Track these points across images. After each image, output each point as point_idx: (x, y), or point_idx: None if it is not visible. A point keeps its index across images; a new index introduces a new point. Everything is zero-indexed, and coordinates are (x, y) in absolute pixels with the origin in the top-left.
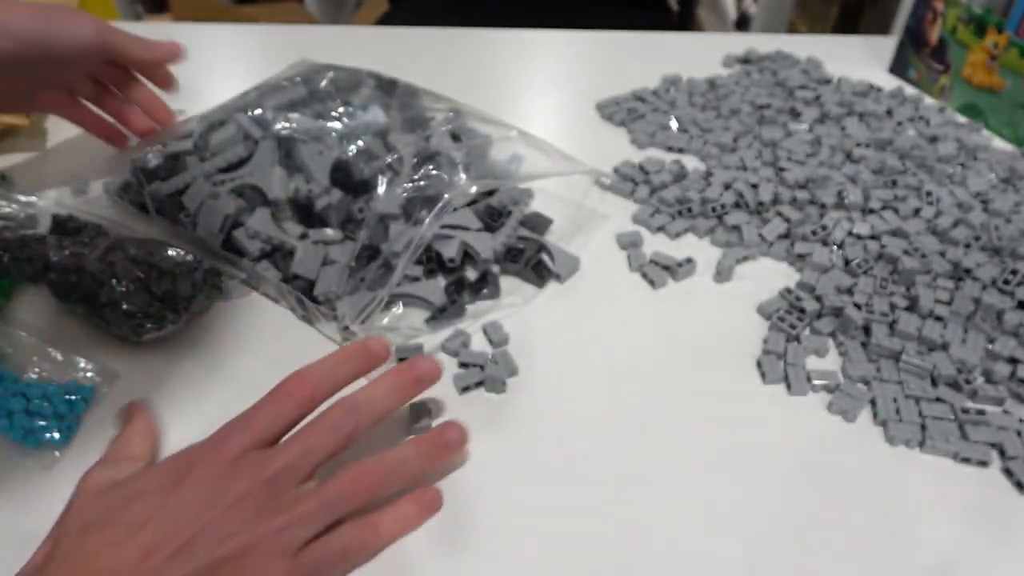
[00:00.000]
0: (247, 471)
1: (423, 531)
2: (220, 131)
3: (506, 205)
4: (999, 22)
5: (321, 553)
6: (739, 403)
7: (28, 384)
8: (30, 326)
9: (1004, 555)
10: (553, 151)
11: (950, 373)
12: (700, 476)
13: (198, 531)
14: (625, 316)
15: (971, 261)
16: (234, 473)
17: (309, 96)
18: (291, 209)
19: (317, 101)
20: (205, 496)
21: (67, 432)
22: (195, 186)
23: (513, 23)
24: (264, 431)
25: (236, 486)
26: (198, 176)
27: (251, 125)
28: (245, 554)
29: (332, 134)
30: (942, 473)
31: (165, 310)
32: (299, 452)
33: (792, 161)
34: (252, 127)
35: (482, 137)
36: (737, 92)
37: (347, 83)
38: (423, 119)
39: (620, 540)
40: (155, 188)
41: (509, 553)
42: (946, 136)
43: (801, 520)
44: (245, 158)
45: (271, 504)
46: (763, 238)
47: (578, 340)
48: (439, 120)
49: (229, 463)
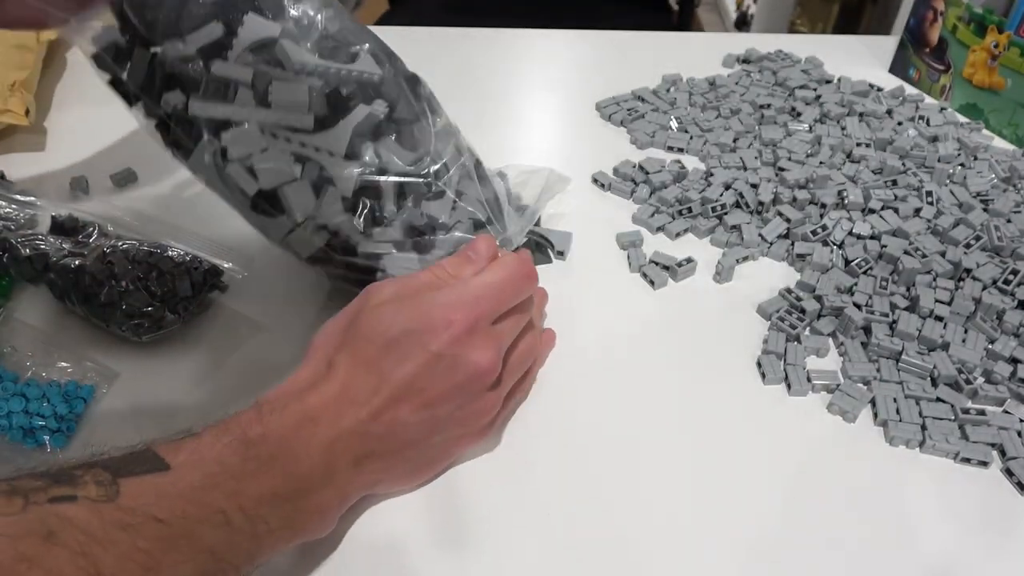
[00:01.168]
0: (487, 345)
1: (418, 527)
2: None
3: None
4: (1000, 22)
5: (509, 408)
6: (739, 403)
7: (28, 384)
8: (30, 326)
9: (1004, 555)
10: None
11: (950, 373)
12: (700, 476)
13: (442, 393)
14: (625, 316)
15: (971, 261)
16: (477, 344)
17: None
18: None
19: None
20: (454, 359)
21: (66, 432)
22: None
23: (513, 23)
24: (505, 309)
25: (480, 358)
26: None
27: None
28: (473, 418)
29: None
30: (942, 473)
31: (165, 310)
32: (516, 333)
33: (792, 161)
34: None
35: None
36: (737, 92)
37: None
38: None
39: (618, 539)
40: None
41: (507, 550)
42: (946, 136)
43: (801, 520)
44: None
45: (497, 371)
46: (763, 238)
47: (578, 340)
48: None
49: (474, 332)
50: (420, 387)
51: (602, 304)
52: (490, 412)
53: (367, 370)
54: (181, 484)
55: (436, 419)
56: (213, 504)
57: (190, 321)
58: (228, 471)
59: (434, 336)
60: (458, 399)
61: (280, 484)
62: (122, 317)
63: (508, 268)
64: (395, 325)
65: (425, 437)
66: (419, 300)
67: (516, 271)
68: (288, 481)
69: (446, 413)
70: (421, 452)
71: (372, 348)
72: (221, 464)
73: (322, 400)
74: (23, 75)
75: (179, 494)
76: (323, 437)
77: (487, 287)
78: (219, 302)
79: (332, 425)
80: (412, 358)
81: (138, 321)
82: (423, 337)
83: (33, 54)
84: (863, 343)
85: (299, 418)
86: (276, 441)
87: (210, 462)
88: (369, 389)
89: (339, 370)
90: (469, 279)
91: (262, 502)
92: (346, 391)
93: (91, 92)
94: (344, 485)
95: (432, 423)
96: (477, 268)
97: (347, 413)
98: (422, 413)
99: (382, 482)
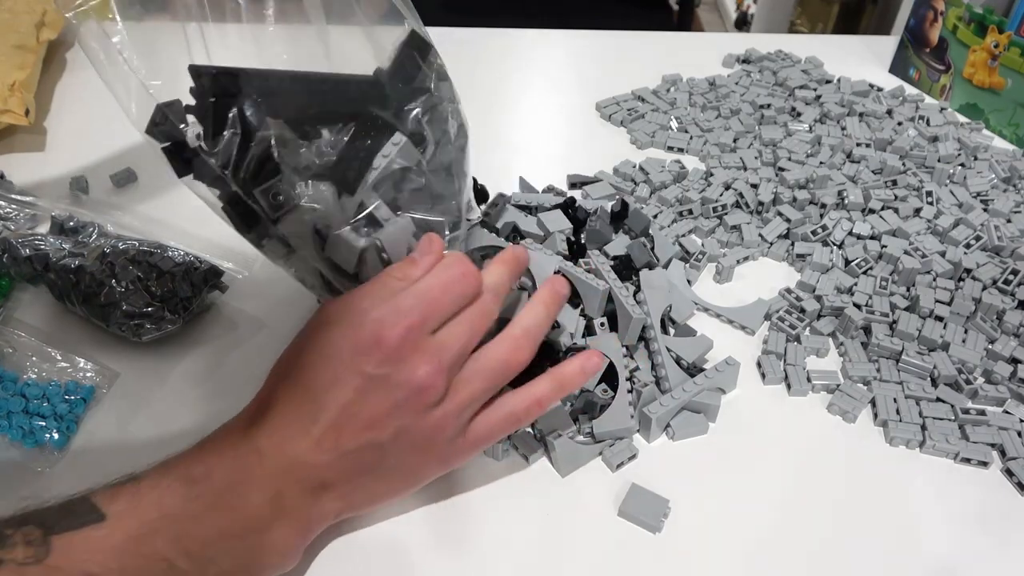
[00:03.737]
0: (424, 359)
1: (419, 528)
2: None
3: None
4: (1000, 21)
5: (488, 424)
6: (739, 403)
7: (27, 384)
8: (30, 326)
9: (1004, 555)
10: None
11: (950, 373)
12: (699, 476)
13: (381, 416)
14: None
15: (971, 261)
16: (413, 358)
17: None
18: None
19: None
20: (387, 379)
21: (66, 432)
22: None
23: (513, 23)
24: (441, 316)
25: (416, 373)
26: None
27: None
28: (424, 440)
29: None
30: (942, 473)
31: (164, 310)
32: (467, 338)
33: (792, 161)
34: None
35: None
36: (737, 92)
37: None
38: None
39: (615, 539)
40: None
41: (503, 546)
42: (947, 136)
43: (801, 520)
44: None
45: (446, 388)
46: (763, 238)
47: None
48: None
49: (408, 346)
50: (356, 412)
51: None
52: (445, 430)
53: (305, 398)
54: (117, 535)
55: (381, 444)
56: (154, 552)
57: (190, 321)
58: (169, 515)
59: (364, 356)
60: (399, 420)
61: (228, 523)
62: (122, 317)
63: (440, 273)
64: (328, 347)
65: (377, 463)
66: (352, 318)
67: (450, 274)
68: (237, 519)
69: (390, 436)
70: (379, 478)
71: (310, 374)
72: (161, 508)
73: (266, 432)
74: (23, 75)
75: (114, 546)
76: (269, 470)
77: (418, 295)
78: (219, 302)
79: (277, 458)
80: (345, 382)
81: (138, 321)
82: (354, 358)
83: (33, 54)
84: (863, 343)
85: (243, 453)
86: (221, 479)
87: (149, 507)
88: (309, 418)
89: (281, 400)
90: (402, 290)
91: (210, 543)
92: (288, 421)
93: (91, 92)
94: (302, 518)
95: (379, 448)
96: (424, 268)
97: (290, 444)
98: (364, 438)
99: (347, 509)
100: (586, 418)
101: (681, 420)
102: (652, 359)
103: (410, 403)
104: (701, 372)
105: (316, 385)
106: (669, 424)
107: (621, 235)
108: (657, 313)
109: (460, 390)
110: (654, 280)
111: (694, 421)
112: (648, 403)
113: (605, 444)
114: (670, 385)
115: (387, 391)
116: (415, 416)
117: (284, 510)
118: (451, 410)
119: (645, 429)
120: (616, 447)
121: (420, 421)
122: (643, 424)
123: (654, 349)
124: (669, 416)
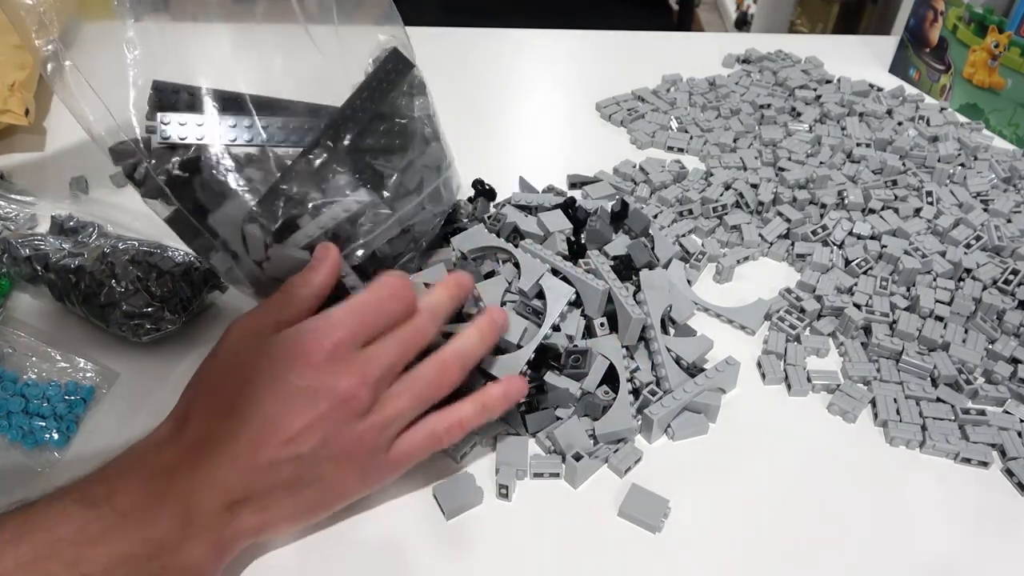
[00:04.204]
0: (351, 371)
1: (419, 528)
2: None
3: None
4: (1000, 21)
5: (409, 445)
6: (739, 403)
7: (27, 384)
8: (30, 326)
9: (1004, 555)
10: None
11: (950, 373)
12: (699, 476)
13: (303, 427)
14: None
15: (971, 261)
16: (339, 370)
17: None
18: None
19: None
20: (312, 390)
21: (66, 432)
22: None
23: (513, 23)
24: (366, 333)
25: (341, 384)
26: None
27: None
28: (345, 454)
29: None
30: (942, 473)
31: (164, 311)
32: (397, 355)
33: (792, 161)
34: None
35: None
36: (737, 92)
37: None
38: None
39: (615, 539)
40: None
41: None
42: (947, 136)
43: (801, 520)
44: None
45: (372, 404)
46: (763, 238)
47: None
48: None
49: (335, 359)
50: (277, 423)
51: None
52: (366, 443)
53: (224, 414)
54: (7, 562)
55: (302, 456)
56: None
57: (190, 321)
58: (64, 539)
59: (289, 368)
60: (322, 431)
61: (132, 545)
62: (121, 317)
63: (374, 290)
64: (249, 362)
65: (298, 476)
66: (274, 333)
67: (383, 292)
68: (142, 541)
69: (312, 449)
70: (300, 493)
71: (228, 389)
72: (53, 532)
73: (177, 451)
74: (23, 75)
75: (4, 573)
76: (179, 490)
77: (350, 310)
78: (219, 302)
79: (188, 476)
80: (269, 394)
81: (137, 321)
82: (279, 370)
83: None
84: (863, 343)
85: (153, 472)
86: (125, 500)
87: (40, 532)
88: (227, 433)
89: (195, 418)
90: (330, 312)
91: (112, 567)
92: (202, 439)
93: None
94: (216, 536)
95: (299, 461)
96: (324, 273)
97: (204, 461)
98: (286, 451)
99: (268, 526)
100: (588, 420)
101: (681, 420)
102: (652, 359)
103: (333, 414)
104: (701, 372)
105: (236, 399)
106: (669, 424)
107: (621, 235)
108: (657, 313)
109: (386, 405)
110: (654, 280)
111: (694, 421)
112: (649, 404)
113: (610, 451)
114: (670, 385)
115: (311, 401)
116: (337, 427)
117: (196, 528)
118: (375, 423)
119: (646, 430)
120: (621, 452)
121: (342, 432)
122: (644, 425)
123: (654, 349)
124: (670, 417)
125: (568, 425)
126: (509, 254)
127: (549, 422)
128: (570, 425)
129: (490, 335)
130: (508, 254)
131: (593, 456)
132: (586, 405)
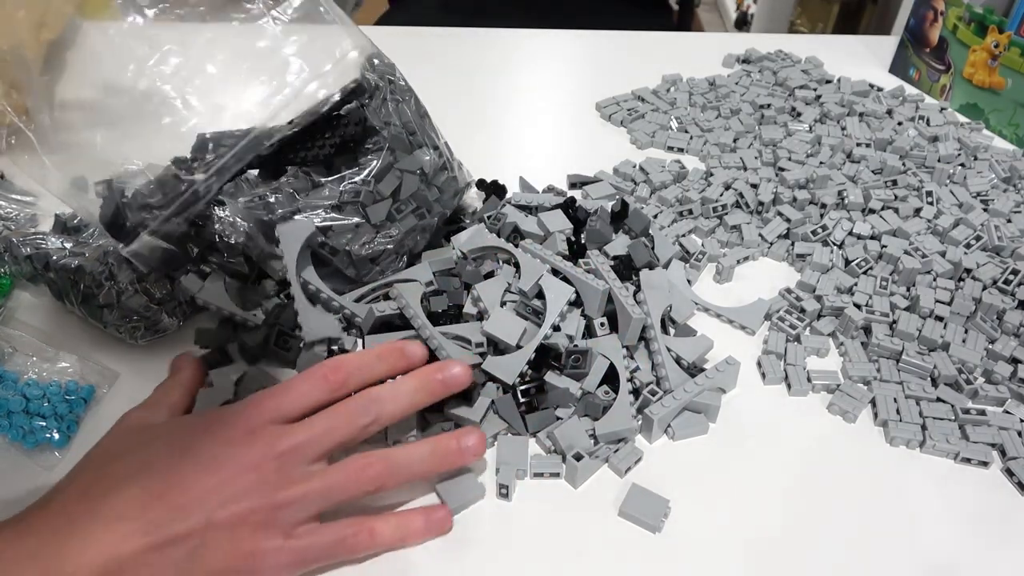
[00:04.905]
0: (262, 442)
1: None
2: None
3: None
4: (1000, 21)
5: (312, 539)
6: (739, 403)
7: (28, 384)
8: (30, 326)
9: (1004, 555)
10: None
11: (950, 373)
12: (699, 476)
13: (200, 492)
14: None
15: (971, 261)
16: (251, 441)
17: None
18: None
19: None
20: (217, 458)
21: (66, 432)
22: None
23: (513, 23)
24: (290, 407)
25: (248, 454)
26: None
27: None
28: (239, 523)
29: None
30: (942, 473)
31: (161, 313)
32: (314, 433)
33: (792, 161)
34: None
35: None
36: (737, 92)
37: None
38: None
39: (615, 539)
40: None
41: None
42: (947, 136)
43: (801, 520)
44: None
45: (275, 477)
46: (763, 238)
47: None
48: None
49: (249, 431)
50: (174, 489)
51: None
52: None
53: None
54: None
55: (167, 558)
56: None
57: (190, 319)
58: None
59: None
60: (218, 495)
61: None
62: (119, 319)
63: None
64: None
65: (185, 555)
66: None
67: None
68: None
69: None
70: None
71: (122, 466)
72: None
73: (56, 531)
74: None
75: None
76: (48, 552)
77: (278, 387)
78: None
79: (61, 560)
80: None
81: (135, 323)
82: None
83: (33, 54)
84: (863, 343)
85: (15, 557)
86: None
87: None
88: (113, 513)
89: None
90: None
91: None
92: (92, 515)
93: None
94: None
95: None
96: (176, 372)
97: (92, 541)
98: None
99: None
100: (588, 420)
101: (681, 420)
102: (652, 359)
103: (234, 482)
104: (701, 372)
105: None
106: (670, 424)
107: (621, 235)
108: (657, 313)
109: (295, 482)
110: (654, 280)
111: (694, 421)
112: (649, 404)
113: (610, 450)
114: (670, 385)
115: (206, 471)
116: (236, 498)
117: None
118: (278, 500)
119: (647, 430)
120: (621, 452)
121: (239, 502)
122: (644, 425)
123: (654, 349)
124: (671, 417)
125: (568, 425)
126: (509, 254)
127: (549, 422)
128: (570, 425)
129: (442, 456)
130: (508, 254)
131: (593, 456)
132: (586, 405)
